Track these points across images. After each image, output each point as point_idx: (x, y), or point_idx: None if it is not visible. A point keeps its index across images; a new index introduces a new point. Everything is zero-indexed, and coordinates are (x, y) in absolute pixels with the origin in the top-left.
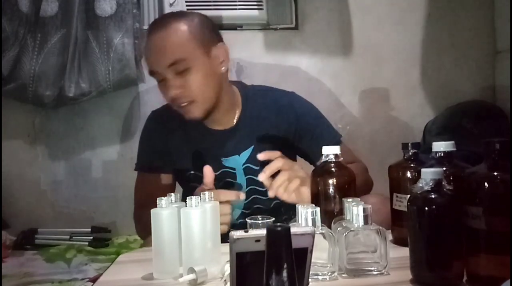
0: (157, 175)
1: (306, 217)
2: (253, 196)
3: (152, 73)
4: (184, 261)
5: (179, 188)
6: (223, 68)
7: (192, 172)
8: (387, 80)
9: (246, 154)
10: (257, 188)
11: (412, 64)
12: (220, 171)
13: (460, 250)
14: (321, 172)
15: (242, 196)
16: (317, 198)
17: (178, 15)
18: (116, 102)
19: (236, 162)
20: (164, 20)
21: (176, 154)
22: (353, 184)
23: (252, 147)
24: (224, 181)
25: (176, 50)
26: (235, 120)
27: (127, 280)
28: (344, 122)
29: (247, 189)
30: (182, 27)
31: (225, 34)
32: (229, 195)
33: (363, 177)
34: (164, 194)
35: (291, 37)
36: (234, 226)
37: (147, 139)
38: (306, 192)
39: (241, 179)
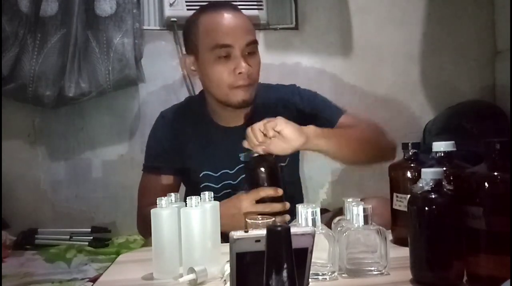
0: (164, 176)
1: (306, 217)
2: None
3: (220, 47)
4: (184, 261)
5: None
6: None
7: (205, 172)
8: (387, 80)
9: None
10: None
11: (412, 64)
12: (237, 167)
13: (460, 250)
14: None
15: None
16: None
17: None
18: (116, 102)
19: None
20: (228, 4)
21: (187, 154)
22: None
23: None
24: (243, 177)
25: (252, 30)
26: (250, 115)
27: (127, 280)
28: None
29: None
30: (245, 14)
31: None
32: (268, 191)
33: (370, 138)
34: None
35: (291, 37)
36: None
37: (156, 140)
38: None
39: None
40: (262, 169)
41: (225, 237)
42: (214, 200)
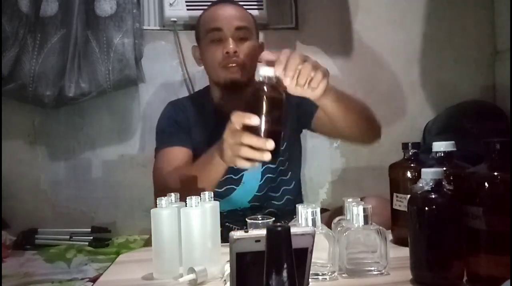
0: (179, 149)
1: (306, 217)
2: (267, 175)
3: (211, 30)
4: (184, 261)
5: None
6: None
7: None
8: (387, 80)
9: None
10: (270, 165)
11: (412, 64)
12: None
13: (460, 250)
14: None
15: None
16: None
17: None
18: (116, 102)
19: None
20: (229, 1)
21: (194, 139)
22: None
23: None
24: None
25: (246, 19)
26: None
27: (127, 280)
28: None
29: (263, 168)
30: (248, 11)
31: None
32: (253, 120)
33: (363, 110)
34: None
35: (291, 37)
36: (246, 209)
37: (167, 121)
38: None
39: (258, 165)
40: (265, 97)
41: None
42: (218, 186)
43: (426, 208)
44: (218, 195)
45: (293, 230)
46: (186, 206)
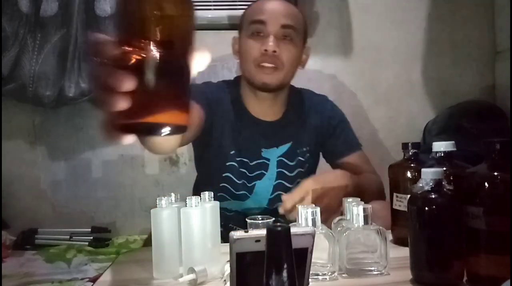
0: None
1: (306, 217)
2: (277, 192)
3: (254, 22)
4: (184, 261)
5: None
6: (302, 64)
7: (233, 152)
8: (387, 80)
9: (283, 148)
10: (284, 182)
11: (412, 64)
12: (256, 161)
13: (460, 250)
14: None
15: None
16: None
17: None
18: None
19: (272, 154)
20: None
21: (218, 129)
22: None
23: (290, 143)
24: (258, 172)
25: (294, 18)
26: (281, 114)
27: (127, 280)
28: None
29: (276, 182)
30: (299, 11)
31: (226, 34)
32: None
33: (370, 187)
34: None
35: None
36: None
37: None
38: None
39: (272, 170)
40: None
41: None
42: (236, 189)
43: (426, 208)
44: (234, 196)
45: (293, 230)
46: (186, 206)
